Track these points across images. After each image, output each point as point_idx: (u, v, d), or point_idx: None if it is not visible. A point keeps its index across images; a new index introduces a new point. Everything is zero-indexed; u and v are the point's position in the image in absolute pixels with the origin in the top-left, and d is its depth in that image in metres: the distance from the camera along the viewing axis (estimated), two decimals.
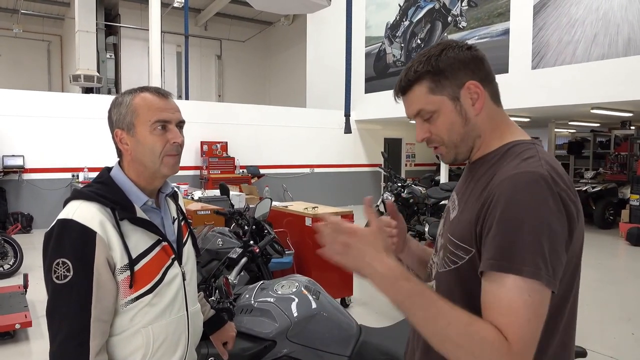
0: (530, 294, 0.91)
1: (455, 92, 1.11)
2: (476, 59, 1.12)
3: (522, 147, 1.09)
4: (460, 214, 1.12)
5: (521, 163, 1.02)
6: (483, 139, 1.15)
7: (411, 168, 15.49)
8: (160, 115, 1.34)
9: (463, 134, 1.13)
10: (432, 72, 1.11)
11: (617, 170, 12.54)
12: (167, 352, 1.37)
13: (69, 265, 1.21)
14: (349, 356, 2.10)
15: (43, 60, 17.96)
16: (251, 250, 2.70)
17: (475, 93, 1.11)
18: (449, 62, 1.11)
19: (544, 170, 0.98)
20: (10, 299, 4.66)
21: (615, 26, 7.82)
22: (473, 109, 1.12)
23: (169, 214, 1.48)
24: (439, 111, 1.12)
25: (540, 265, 0.92)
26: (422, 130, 1.17)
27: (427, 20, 11.39)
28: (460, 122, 1.12)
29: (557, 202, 0.95)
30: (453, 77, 1.11)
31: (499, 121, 1.15)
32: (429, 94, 1.12)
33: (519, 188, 0.97)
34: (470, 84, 1.10)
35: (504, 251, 0.94)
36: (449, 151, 1.16)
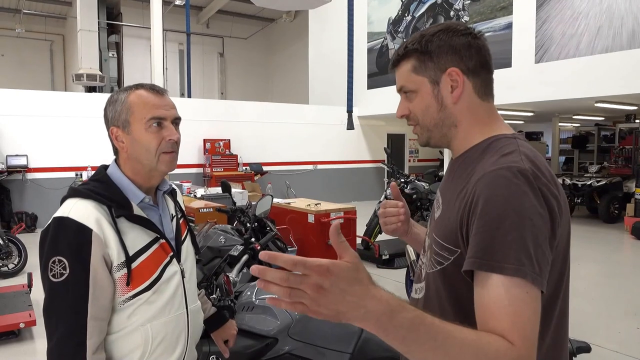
0: (527, 291, 0.88)
1: (437, 76, 1.09)
2: (469, 47, 1.08)
3: (503, 142, 1.06)
4: (443, 214, 1.10)
5: (500, 158, 1.00)
6: (460, 131, 1.12)
7: (414, 164, 15.45)
8: (155, 112, 1.33)
9: (437, 119, 1.12)
10: (419, 51, 1.10)
11: (622, 164, 12.49)
12: (167, 350, 1.36)
13: (65, 263, 1.20)
14: (350, 353, 2.09)
15: (46, 60, 18.00)
16: (252, 247, 2.69)
17: (455, 81, 1.08)
18: (439, 44, 1.08)
19: (524, 164, 0.96)
20: (14, 298, 4.67)
21: (620, 19, 7.75)
22: (450, 97, 1.09)
23: (167, 211, 1.47)
24: (418, 91, 1.12)
25: (524, 262, 0.89)
26: (402, 107, 1.17)
27: (430, 15, 11.34)
28: (436, 106, 1.11)
29: (537, 196, 0.93)
30: (438, 60, 1.08)
31: (481, 115, 1.11)
32: (412, 73, 1.11)
33: (498, 184, 0.94)
34: (452, 70, 1.07)
35: (486, 249, 0.92)
36: (423, 133, 1.16)
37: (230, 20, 19.24)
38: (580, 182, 10.51)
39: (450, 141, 1.15)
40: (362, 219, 5.98)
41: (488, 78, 1.12)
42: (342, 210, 4.99)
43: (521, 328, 0.88)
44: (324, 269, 0.74)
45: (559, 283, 1.03)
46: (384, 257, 6.63)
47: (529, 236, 0.90)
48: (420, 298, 1.16)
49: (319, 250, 4.80)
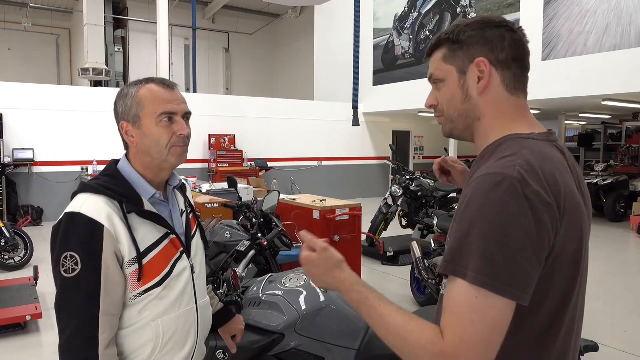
0: (478, 296, 0.88)
1: (465, 65, 1.08)
2: (502, 39, 1.06)
3: (511, 143, 1.03)
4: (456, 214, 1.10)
5: (495, 162, 0.98)
6: (482, 124, 1.10)
7: (419, 161, 15.42)
8: (166, 107, 1.32)
9: (461, 110, 1.11)
10: (451, 41, 1.09)
11: (628, 163, 12.42)
12: (177, 345, 1.36)
13: (77, 259, 1.20)
14: (357, 349, 2.09)
15: (52, 54, 18.03)
16: (259, 243, 2.70)
17: (482, 71, 1.06)
18: (471, 34, 1.07)
19: (514, 171, 0.92)
20: (20, 290, 4.70)
21: (628, 16, 7.69)
22: (476, 87, 1.07)
23: (177, 206, 1.46)
24: (445, 80, 1.11)
25: (486, 271, 0.88)
26: (431, 97, 1.16)
27: (436, 12, 11.29)
28: (461, 96, 1.09)
29: (521, 204, 0.89)
30: (469, 50, 1.07)
31: (505, 110, 1.08)
32: (442, 61, 1.11)
33: (479, 190, 0.93)
34: (480, 60, 1.06)
35: (453, 253, 0.93)
36: (446, 124, 1.16)
37: (236, 15, 19.21)
38: (586, 181, 10.41)
39: (473, 134, 1.13)
40: (367, 216, 5.97)
41: (520, 73, 1.09)
42: (348, 207, 4.98)
43: (458, 328, 0.89)
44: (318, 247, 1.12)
45: (567, 296, 1.00)
46: (389, 254, 6.63)
47: (496, 245, 0.88)
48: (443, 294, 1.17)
49: None
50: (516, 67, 1.08)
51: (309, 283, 2.22)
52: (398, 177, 7.25)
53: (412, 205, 7.17)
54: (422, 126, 15.33)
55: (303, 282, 2.23)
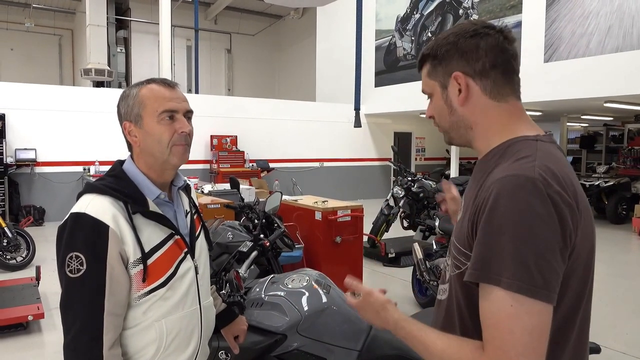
0: (514, 304, 0.88)
1: (445, 80, 1.11)
2: (477, 49, 1.06)
3: (521, 145, 1.03)
4: (461, 218, 1.10)
5: (512, 164, 0.98)
6: (478, 132, 1.11)
7: (421, 162, 15.41)
8: (167, 105, 1.33)
9: (450, 122, 1.14)
10: (431, 56, 1.13)
11: (630, 165, 12.38)
12: (180, 345, 1.37)
13: (82, 259, 1.21)
14: (359, 350, 2.09)
15: (54, 54, 18.07)
16: (261, 243, 2.70)
17: (459, 84, 1.09)
18: (447, 48, 1.09)
19: (534, 172, 0.93)
20: (22, 290, 4.71)
21: (630, 18, 7.69)
22: (457, 100, 1.10)
23: (181, 207, 1.47)
24: (433, 94, 1.16)
25: (521, 276, 0.88)
26: (428, 109, 1.20)
27: (438, 13, 11.29)
28: (446, 110, 1.13)
29: (546, 205, 0.90)
30: (446, 65, 1.10)
31: (496, 116, 1.08)
32: (427, 77, 1.16)
33: (503, 193, 0.93)
34: (455, 74, 1.08)
35: (483, 261, 0.92)
36: (445, 134, 1.19)
37: (238, 16, 19.23)
38: (588, 183, 10.46)
39: (471, 142, 1.15)
40: (368, 217, 5.97)
41: (502, 78, 1.07)
42: (349, 208, 4.98)
43: (498, 339, 0.89)
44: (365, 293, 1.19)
45: (579, 296, 1.01)
46: (390, 255, 6.63)
47: (528, 249, 0.89)
48: (444, 300, 1.17)
49: (326, 247, 4.80)
50: (496, 74, 1.07)
51: (311, 284, 2.22)
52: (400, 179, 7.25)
53: (413, 207, 7.16)
54: (423, 127, 15.32)
55: (305, 283, 2.23)
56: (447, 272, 1.18)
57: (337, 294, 2.24)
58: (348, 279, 1.23)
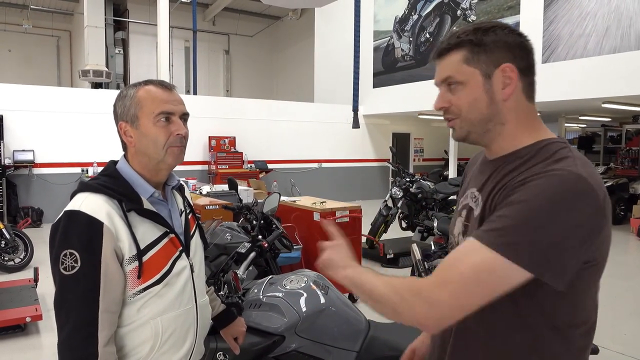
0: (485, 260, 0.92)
1: (490, 70, 1.07)
2: (523, 47, 1.08)
3: (557, 146, 1.05)
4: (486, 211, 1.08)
5: (556, 163, 0.99)
6: (507, 129, 1.10)
7: (419, 163, 15.42)
8: (163, 107, 1.34)
9: (484, 114, 1.09)
10: (474, 43, 1.07)
11: (628, 165, 12.41)
12: (176, 344, 1.37)
13: (77, 256, 1.20)
14: (357, 351, 2.09)
15: (52, 56, 18.04)
16: (260, 245, 2.70)
17: (509, 78, 1.07)
18: (495, 39, 1.07)
19: (581, 170, 0.96)
20: (20, 292, 4.70)
21: (628, 19, 7.71)
22: (502, 93, 1.07)
23: (176, 206, 1.48)
24: (467, 83, 1.08)
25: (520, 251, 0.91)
26: (442, 99, 1.13)
27: (436, 14, 11.30)
28: (485, 101, 1.08)
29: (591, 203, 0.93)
30: (492, 54, 1.07)
31: (527, 116, 1.10)
32: (463, 63, 1.08)
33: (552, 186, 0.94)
34: (506, 66, 1.06)
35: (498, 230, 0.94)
36: (463, 127, 1.13)
37: (236, 17, 19.23)
38: None
39: (492, 139, 1.13)
40: (367, 218, 5.97)
41: (534, 81, 1.12)
42: (348, 209, 4.99)
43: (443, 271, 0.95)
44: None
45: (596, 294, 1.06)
46: (389, 256, 6.63)
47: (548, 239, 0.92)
48: None
49: None
50: (531, 76, 1.11)
51: (309, 285, 2.22)
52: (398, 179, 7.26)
53: (412, 208, 7.17)
54: (422, 128, 15.33)
55: (303, 284, 2.23)
56: None
57: (335, 295, 2.24)
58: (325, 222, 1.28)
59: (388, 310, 1.00)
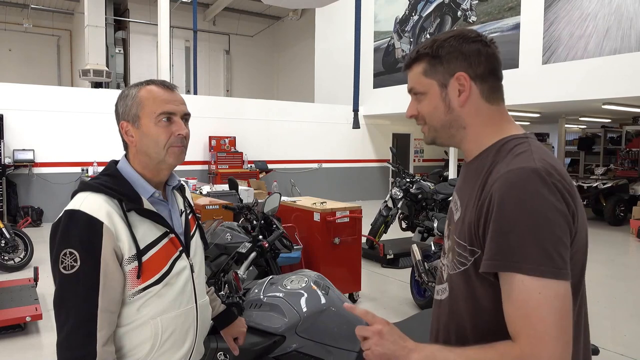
0: (541, 290, 0.92)
1: (446, 79, 1.14)
2: (479, 54, 1.12)
3: (515, 142, 1.10)
4: (464, 216, 1.12)
5: (513, 159, 1.04)
6: (470, 133, 1.16)
7: (419, 164, 15.42)
8: (165, 108, 1.34)
9: (444, 121, 1.17)
10: (431, 56, 1.15)
11: (628, 167, 12.41)
12: (175, 344, 1.37)
13: (76, 256, 1.21)
14: (358, 352, 2.09)
15: (53, 55, 18.05)
16: (260, 245, 2.70)
17: (462, 85, 1.12)
18: (450, 49, 1.13)
19: (536, 163, 0.99)
20: (20, 291, 4.70)
21: (628, 20, 7.71)
22: (457, 100, 1.14)
23: (176, 206, 1.48)
24: (427, 93, 1.17)
25: (543, 261, 0.92)
26: (411, 108, 1.22)
27: (437, 15, 11.31)
28: (443, 109, 1.16)
29: (553, 192, 0.96)
30: (447, 65, 1.13)
31: (489, 118, 1.15)
32: (422, 75, 1.17)
33: (512, 185, 0.98)
34: (459, 75, 1.12)
35: (503, 251, 0.96)
36: (429, 133, 1.22)
37: (236, 17, 19.25)
38: (586, 184, 10.47)
39: (460, 142, 1.20)
40: (367, 219, 5.97)
41: (496, 84, 1.16)
42: (348, 209, 4.99)
43: (529, 328, 0.92)
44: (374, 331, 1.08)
45: (578, 283, 1.05)
46: (389, 256, 6.63)
47: (545, 234, 0.94)
48: (445, 299, 1.20)
49: (325, 248, 4.80)
50: (492, 79, 1.15)
51: (310, 285, 2.22)
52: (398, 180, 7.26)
53: (412, 208, 7.17)
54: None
55: (304, 284, 2.23)
56: (445, 271, 1.21)
57: (336, 295, 2.24)
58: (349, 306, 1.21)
59: None
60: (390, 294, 5.53)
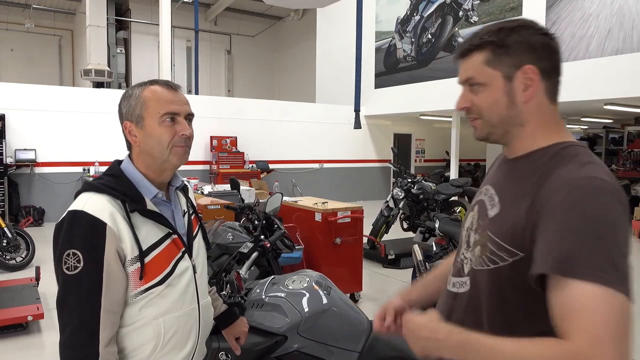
0: (604, 297, 0.88)
1: (511, 72, 1.06)
2: (547, 47, 1.07)
3: (576, 150, 1.04)
4: (504, 214, 1.07)
5: (581, 168, 0.99)
6: (526, 131, 1.09)
7: (421, 164, 15.41)
8: (169, 108, 1.34)
9: (503, 116, 1.09)
10: (496, 44, 1.06)
11: (630, 167, 12.40)
12: (178, 344, 1.37)
13: (80, 257, 1.21)
14: (359, 352, 2.09)
15: (54, 55, 18.07)
16: (262, 245, 2.70)
17: (530, 79, 1.06)
18: (517, 39, 1.05)
19: (606, 177, 0.96)
20: (22, 291, 4.71)
21: (631, 21, 7.70)
22: (522, 95, 1.07)
23: (179, 207, 1.47)
24: (488, 85, 1.08)
25: (611, 272, 0.89)
26: (464, 99, 1.13)
27: (438, 15, 11.30)
28: (505, 102, 1.08)
29: (622, 208, 0.94)
30: (515, 56, 1.05)
31: (549, 118, 1.09)
32: (484, 65, 1.08)
33: (584, 193, 0.94)
34: (528, 68, 1.05)
35: (567, 256, 0.91)
36: (484, 128, 1.13)
37: (238, 17, 19.25)
38: None
39: (512, 139, 1.12)
40: (368, 219, 5.97)
41: (558, 82, 1.11)
42: (349, 210, 4.99)
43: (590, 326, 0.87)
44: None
45: None
46: (390, 256, 6.63)
47: (614, 247, 0.91)
48: (463, 293, 1.16)
49: (326, 248, 4.80)
50: (555, 76, 1.10)
51: (311, 285, 2.22)
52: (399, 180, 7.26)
53: (413, 208, 7.18)
54: (423, 129, 15.33)
55: (306, 284, 2.23)
56: (466, 265, 1.17)
57: (337, 295, 2.24)
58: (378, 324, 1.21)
59: None
60: (392, 295, 5.51)
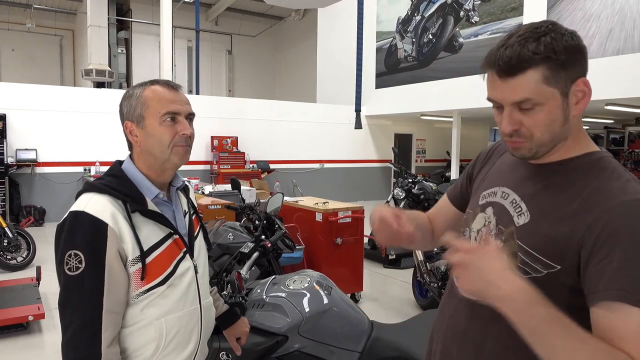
0: None
1: (567, 87, 0.97)
2: (584, 52, 0.98)
3: (609, 162, 1.01)
4: (538, 225, 1.01)
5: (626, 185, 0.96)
6: (567, 145, 1.03)
7: (421, 164, 15.41)
8: (169, 107, 1.34)
9: (557, 134, 1.00)
10: (553, 59, 0.94)
11: (631, 168, 12.40)
12: (180, 345, 1.37)
13: (81, 257, 1.21)
14: (360, 352, 2.09)
15: (55, 55, 18.08)
16: (263, 245, 2.70)
17: (582, 92, 0.98)
18: (571, 50, 0.95)
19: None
20: (23, 291, 4.71)
21: (632, 21, 7.69)
22: (575, 108, 0.99)
23: (180, 207, 1.47)
24: (545, 105, 0.96)
25: None
26: (512, 121, 1.00)
27: (439, 15, 11.30)
28: (561, 120, 0.98)
29: None
30: (570, 70, 0.96)
31: (579, 126, 1.05)
32: (543, 84, 0.95)
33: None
34: (581, 80, 0.97)
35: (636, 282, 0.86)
36: (531, 148, 1.02)
37: (239, 17, 19.26)
38: None
39: (551, 154, 1.05)
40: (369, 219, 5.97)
41: None
42: (350, 210, 4.98)
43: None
44: (469, 248, 0.90)
45: None
46: (391, 257, 6.63)
47: None
48: None
49: (327, 248, 4.80)
50: None
51: (312, 285, 2.22)
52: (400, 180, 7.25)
53: (414, 209, 7.17)
54: (424, 129, 15.32)
55: (306, 284, 2.23)
56: None
57: (338, 295, 2.24)
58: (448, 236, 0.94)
59: None
60: (392, 295, 5.52)
